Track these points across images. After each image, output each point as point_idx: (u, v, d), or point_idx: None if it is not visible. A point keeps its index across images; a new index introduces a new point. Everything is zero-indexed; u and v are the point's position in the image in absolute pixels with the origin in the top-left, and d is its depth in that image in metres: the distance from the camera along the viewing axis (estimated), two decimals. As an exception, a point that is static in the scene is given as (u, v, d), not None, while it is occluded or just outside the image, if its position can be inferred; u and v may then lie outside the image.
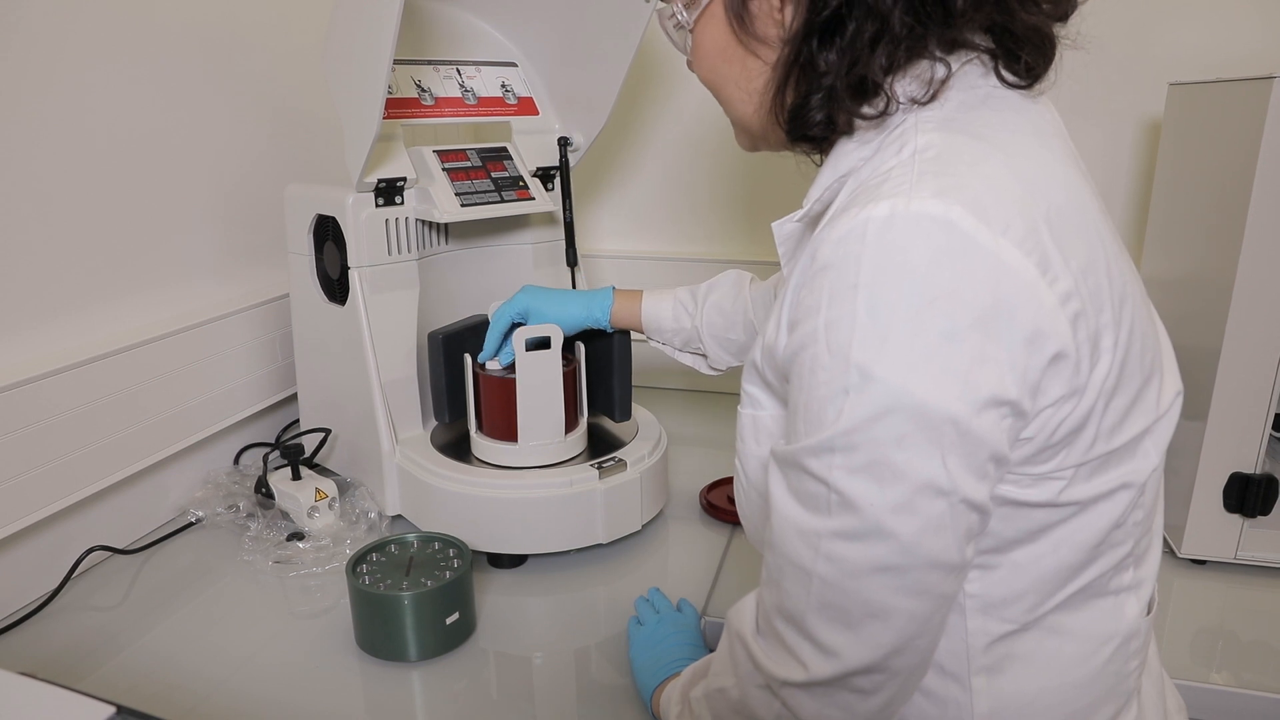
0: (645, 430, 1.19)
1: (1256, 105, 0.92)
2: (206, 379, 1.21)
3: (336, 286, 1.17)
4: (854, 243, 0.51)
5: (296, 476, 1.16)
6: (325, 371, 1.25)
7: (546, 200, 1.24)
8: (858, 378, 0.50)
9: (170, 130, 1.19)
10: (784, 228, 0.67)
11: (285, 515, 1.15)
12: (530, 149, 1.28)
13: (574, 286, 1.32)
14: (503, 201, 1.19)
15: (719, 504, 1.21)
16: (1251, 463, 1.01)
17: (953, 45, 0.57)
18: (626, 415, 1.17)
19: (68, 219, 1.05)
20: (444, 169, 1.17)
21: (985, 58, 0.59)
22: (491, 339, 1.12)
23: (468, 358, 1.12)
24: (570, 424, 1.11)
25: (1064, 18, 0.59)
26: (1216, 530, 1.04)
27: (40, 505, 0.98)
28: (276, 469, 1.19)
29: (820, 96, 0.59)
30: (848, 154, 0.60)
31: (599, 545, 1.09)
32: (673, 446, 1.24)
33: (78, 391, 1.02)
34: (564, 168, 1.29)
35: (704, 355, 1.11)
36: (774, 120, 0.63)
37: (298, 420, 1.34)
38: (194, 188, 1.24)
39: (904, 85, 0.58)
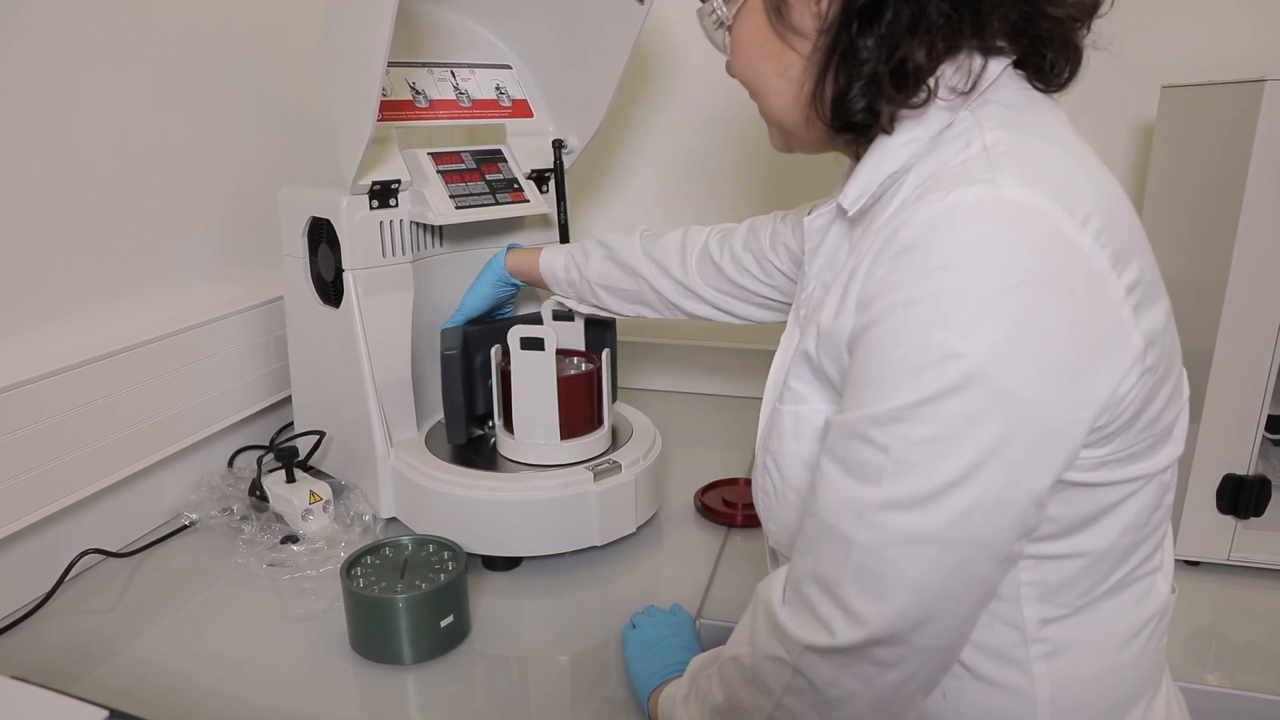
0: (640, 432, 1.19)
1: (1248, 108, 0.92)
2: (201, 381, 1.21)
3: (331, 289, 1.17)
4: (943, 225, 0.52)
5: (291, 479, 1.16)
6: (320, 374, 1.25)
7: (541, 203, 1.24)
8: (936, 354, 0.50)
9: (167, 132, 1.19)
10: (815, 222, 0.70)
11: (279, 518, 1.15)
12: (525, 151, 1.28)
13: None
14: (497, 204, 1.19)
15: (714, 506, 1.21)
16: (1245, 464, 1.01)
17: (985, 49, 0.59)
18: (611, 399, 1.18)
19: (62, 221, 1.05)
20: (438, 171, 1.17)
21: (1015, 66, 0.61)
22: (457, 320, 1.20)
23: (495, 350, 1.13)
24: (595, 423, 1.12)
25: (1089, 14, 0.61)
26: (1210, 531, 1.04)
27: (34, 508, 0.98)
28: (271, 472, 1.19)
29: (862, 84, 0.59)
30: (893, 152, 0.61)
31: (594, 547, 1.08)
32: (667, 449, 1.24)
33: (71, 394, 1.01)
34: (558, 170, 1.29)
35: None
36: (814, 112, 0.63)
37: (292, 423, 1.33)
38: (191, 189, 1.24)
39: (945, 76, 0.58)
